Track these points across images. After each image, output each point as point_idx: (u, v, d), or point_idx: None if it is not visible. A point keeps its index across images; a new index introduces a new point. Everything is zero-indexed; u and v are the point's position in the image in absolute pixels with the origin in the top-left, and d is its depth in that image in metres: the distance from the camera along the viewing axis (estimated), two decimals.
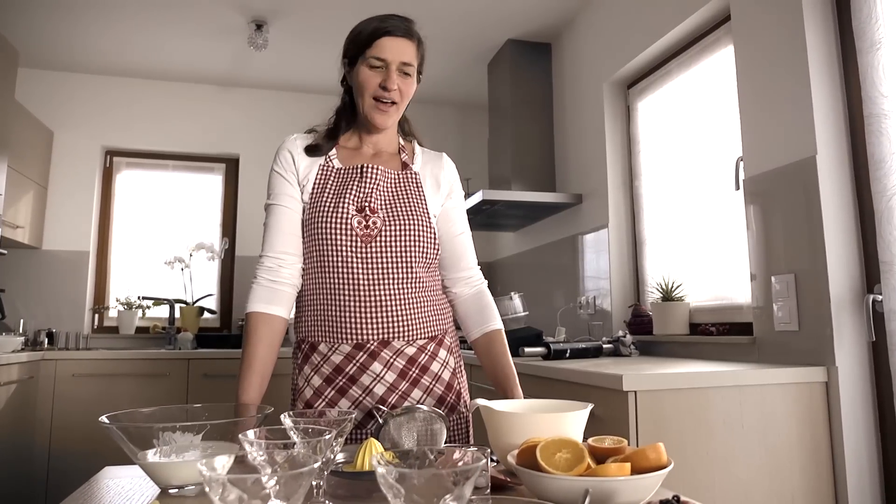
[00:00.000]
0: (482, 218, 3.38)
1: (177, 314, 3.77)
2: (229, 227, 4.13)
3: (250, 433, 0.66)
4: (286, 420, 0.80)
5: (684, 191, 2.50)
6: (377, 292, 1.20)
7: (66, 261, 3.76)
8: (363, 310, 1.20)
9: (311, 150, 1.27)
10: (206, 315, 3.91)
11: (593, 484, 0.68)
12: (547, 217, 3.45)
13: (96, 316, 3.89)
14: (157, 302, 3.85)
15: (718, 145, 2.30)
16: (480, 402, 0.99)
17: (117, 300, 3.85)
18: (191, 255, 3.89)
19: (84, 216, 3.83)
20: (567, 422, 0.90)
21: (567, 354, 2.20)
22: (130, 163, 4.08)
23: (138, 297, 3.84)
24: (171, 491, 0.83)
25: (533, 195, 3.08)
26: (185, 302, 3.84)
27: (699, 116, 2.42)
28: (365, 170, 1.25)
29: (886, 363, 1.60)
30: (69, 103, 3.88)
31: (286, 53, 3.67)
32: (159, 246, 4.00)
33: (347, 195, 1.22)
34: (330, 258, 1.20)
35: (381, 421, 1.00)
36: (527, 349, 2.22)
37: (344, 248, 1.19)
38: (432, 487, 0.50)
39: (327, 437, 0.66)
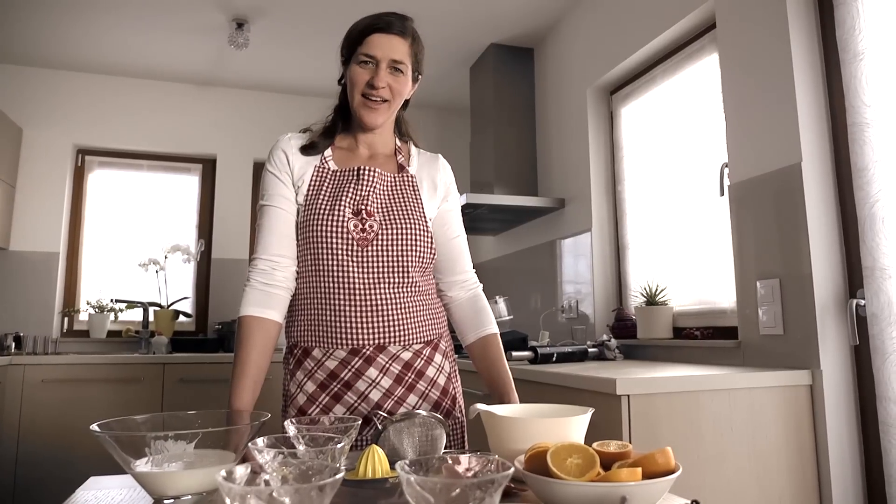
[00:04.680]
0: (463, 221, 3.35)
1: (151, 317, 3.67)
2: (205, 228, 4.04)
3: (259, 441, 0.63)
4: (290, 428, 0.77)
5: (668, 196, 2.53)
6: (373, 296, 1.18)
7: (35, 262, 3.63)
8: (359, 314, 1.17)
9: (307, 149, 1.25)
10: (182, 318, 3.81)
11: (607, 490, 0.67)
12: (529, 221, 3.45)
13: (66, 319, 3.76)
14: (131, 305, 3.74)
15: (702, 152, 2.33)
16: (480, 406, 0.97)
17: (88, 303, 3.73)
18: (166, 257, 3.80)
19: (54, 216, 3.71)
20: (572, 426, 0.89)
21: (554, 358, 2.20)
22: (103, 162, 3.97)
23: (110, 300, 3.73)
24: (165, 502, 0.80)
25: (515, 199, 3.09)
26: (159, 305, 3.74)
27: (683, 123, 2.45)
28: (362, 172, 1.22)
29: (869, 366, 1.64)
30: (40, 99, 3.76)
31: (267, 53, 3.61)
32: (133, 247, 3.89)
33: (344, 198, 1.20)
34: (325, 262, 1.17)
35: (379, 427, 0.97)
36: (514, 353, 2.21)
37: (340, 252, 1.17)
38: (461, 497, 0.49)
39: (340, 445, 0.63)
